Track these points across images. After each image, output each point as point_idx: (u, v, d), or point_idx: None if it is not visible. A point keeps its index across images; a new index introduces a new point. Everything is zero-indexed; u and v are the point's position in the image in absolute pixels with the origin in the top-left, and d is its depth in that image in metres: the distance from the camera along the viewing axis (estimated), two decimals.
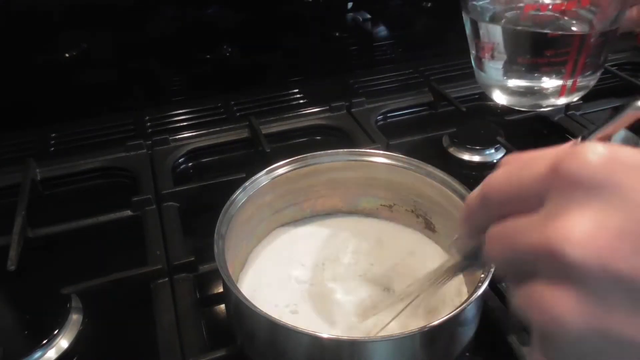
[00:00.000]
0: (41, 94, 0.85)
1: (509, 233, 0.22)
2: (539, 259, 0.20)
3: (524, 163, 0.23)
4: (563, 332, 0.19)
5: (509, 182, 0.23)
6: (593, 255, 0.18)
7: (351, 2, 0.96)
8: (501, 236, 0.23)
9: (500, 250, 0.23)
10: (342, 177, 0.58)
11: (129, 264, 0.57)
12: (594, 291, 0.19)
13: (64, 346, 0.49)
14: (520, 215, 0.22)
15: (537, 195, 0.21)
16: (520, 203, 0.22)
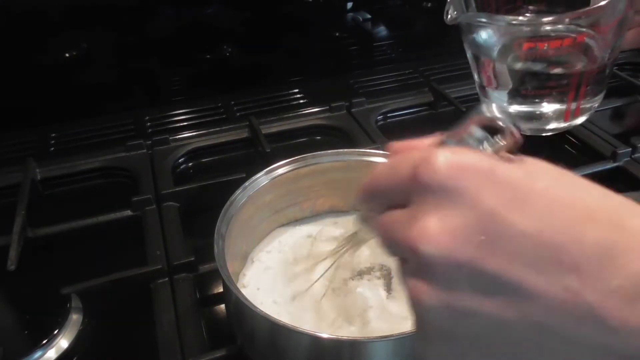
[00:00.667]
0: (41, 94, 0.85)
1: (387, 224, 0.27)
2: (405, 252, 0.25)
3: (396, 163, 0.27)
4: (424, 311, 0.25)
5: (385, 180, 0.28)
6: (438, 250, 0.23)
7: (351, 2, 0.96)
8: (383, 227, 0.28)
9: (383, 239, 0.28)
10: (342, 177, 0.58)
11: (129, 264, 0.57)
12: (442, 277, 0.24)
13: (64, 346, 0.49)
14: (395, 209, 0.27)
15: (404, 193, 0.26)
16: (393, 197, 0.27)
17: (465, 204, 0.23)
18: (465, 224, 0.23)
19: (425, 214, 0.24)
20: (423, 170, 0.25)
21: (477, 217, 0.23)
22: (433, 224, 0.24)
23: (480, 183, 0.24)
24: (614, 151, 0.73)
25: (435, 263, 0.23)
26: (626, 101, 0.89)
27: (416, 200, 0.25)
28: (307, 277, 0.53)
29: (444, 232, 0.23)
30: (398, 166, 0.27)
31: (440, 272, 0.24)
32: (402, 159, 0.27)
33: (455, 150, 0.25)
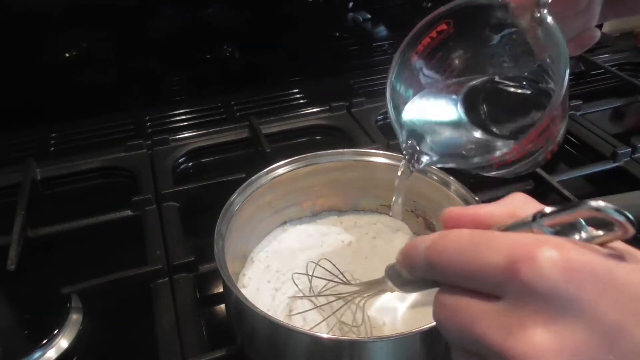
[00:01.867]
0: (41, 94, 0.85)
1: (463, 313, 0.23)
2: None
3: (478, 244, 0.23)
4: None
5: (462, 261, 0.23)
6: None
7: (351, 2, 0.96)
8: (453, 310, 0.23)
9: (451, 325, 0.23)
10: (342, 177, 0.58)
11: (129, 264, 0.57)
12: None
13: (64, 346, 0.49)
14: (475, 295, 0.23)
15: (494, 285, 0.22)
16: (474, 284, 0.23)
17: (584, 316, 0.20)
18: (585, 342, 0.20)
19: (533, 324, 0.20)
20: (527, 267, 0.21)
21: (599, 334, 0.19)
22: (545, 339, 0.20)
23: (599, 291, 0.20)
24: (614, 151, 0.73)
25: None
26: (626, 101, 0.89)
27: (513, 299, 0.21)
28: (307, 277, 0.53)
29: (559, 350, 0.20)
30: (484, 248, 0.22)
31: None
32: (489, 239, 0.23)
33: (562, 245, 0.21)
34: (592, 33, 0.45)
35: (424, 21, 0.43)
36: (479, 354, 0.22)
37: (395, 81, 0.46)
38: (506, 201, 0.26)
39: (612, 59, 1.01)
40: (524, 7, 0.39)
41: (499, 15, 0.41)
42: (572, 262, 0.20)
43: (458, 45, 0.45)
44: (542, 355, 0.20)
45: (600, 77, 0.98)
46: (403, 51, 0.45)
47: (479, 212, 0.26)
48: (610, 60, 1.01)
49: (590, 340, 0.19)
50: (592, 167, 0.71)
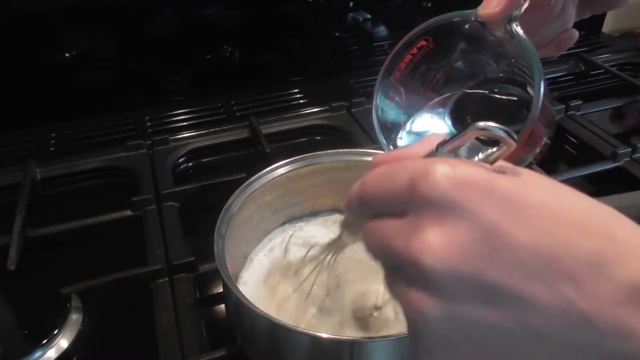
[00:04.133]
0: (42, 93, 0.85)
1: (380, 233, 0.27)
2: (404, 264, 0.25)
3: (390, 172, 0.27)
4: (426, 321, 0.25)
5: (378, 188, 0.28)
6: (442, 264, 0.24)
7: (351, 2, 0.96)
8: (375, 234, 0.28)
9: (374, 246, 0.28)
10: (342, 177, 0.58)
11: (129, 264, 0.57)
12: (445, 289, 0.24)
13: (64, 346, 0.49)
14: (390, 217, 0.27)
15: (401, 203, 0.26)
16: (388, 207, 0.27)
17: (467, 218, 0.24)
18: (468, 238, 0.24)
19: (427, 227, 0.24)
20: (423, 182, 0.25)
21: (479, 231, 0.24)
22: (436, 237, 0.24)
23: (480, 198, 0.24)
24: (614, 151, 0.73)
25: (439, 276, 0.24)
26: (626, 101, 0.90)
27: (414, 211, 0.25)
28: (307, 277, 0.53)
29: (447, 245, 0.24)
30: (394, 175, 0.27)
31: (444, 284, 0.24)
32: (398, 167, 0.27)
33: (453, 163, 0.26)
34: (569, 34, 0.45)
35: (403, 41, 0.44)
36: (397, 267, 0.26)
37: (381, 102, 0.47)
38: (425, 140, 0.30)
39: (612, 59, 1.01)
40: (496, 22, 0.39)
41: (476, 30, 0.41)
42: (459, 175, 0.25)
43: (441, 58, 0.46)
44: (433, 250, 0.24)
45: (600, 77, 0.98)
46: (384, 73, 0.46)
47: (401, 152, 0.30)
48: (610, 60, 1.01)
49: (472, 237, 0.24)
50: (592, 167, 0.71)
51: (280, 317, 0.43)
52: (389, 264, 0.28)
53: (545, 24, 0.43)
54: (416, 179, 0.25)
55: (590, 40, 1.08)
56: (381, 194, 0.28)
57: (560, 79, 0.97)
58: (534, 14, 0.40)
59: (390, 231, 0.27)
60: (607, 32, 1.13)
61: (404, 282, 0.26)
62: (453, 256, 0.24)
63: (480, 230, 0.24)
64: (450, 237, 0.24)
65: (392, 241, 0.26)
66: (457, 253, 0.24)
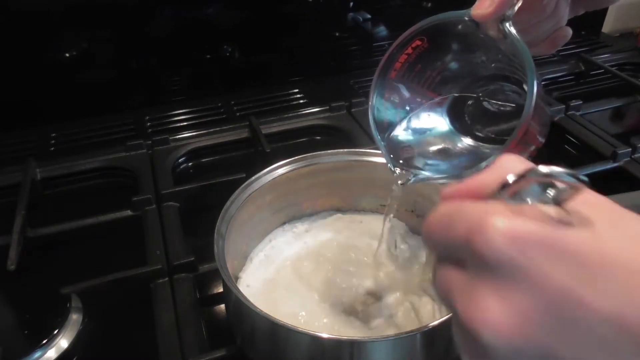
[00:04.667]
0: (42, 93, 0.85)
1: (444, 282, 0.25)
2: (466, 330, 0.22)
3: (450, 218, 0.25)
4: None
5: (440, 233, 0.25)
6: (502, 337, 0.21)
7: (351, 2, 0.96)
8: (440, 280, 0.25)
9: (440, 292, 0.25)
10: (342, 177, 0.58)
11: (129, 264, 0.57)
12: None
13: (64, 346, 0.49)
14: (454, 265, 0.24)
15: (461, 254, 0.24)
16: (450, 252, 0.25)
17: (531, 284, 0.21)
18: (531, 308, 0.20)
19: (485, 292, 0.22)
20: (478, 238, 0.22)
21: (544, 299, 0.20)
22: (494, 307, 0.21)
23: (543, 257, 0.21)
24: (614, 151, 0.73)
25: (498, 353, 0.21)
26: (626, 101, 0.89)
27: (474, 269, 0.23)
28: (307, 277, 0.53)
29: (508, 317, 0.21)
30: (454, 221, 0.24)
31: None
32: (458, 214, 0.24)
33: (511, 214, 0.22)
34: (563, 32, 0.45)
35: (398, 41, 0.44)
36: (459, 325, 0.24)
37: (377, 102, 0.47)
38: (495, 166, 0.26)
39: (612, 59, 1.01)
40: (489, 22, 0.39)
41: (470, 30, 0.41)
42: (517, 230, 0.21)
43: (436, 57, 0.46)
44: (492, 323, 0.21)
45: (600, 77, 0.98)
46: (380, 73, 0.46)
47: (469, 184, 0.26)
48: (610, 60, 1.01)
49: (538, 305, 0.20)
50: (592, 167, 0.71)
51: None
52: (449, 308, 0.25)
53: (539, 22, 0.43)
54: (472, 232, 0.22)
55: (590, 40, 1.08)
56: (442, 240, 0.25)
57: (560, 79, 0.97)
58: (527, 14, 0.40)
59: (453, 285, 0.24)
60: (607, 32, 1.13)
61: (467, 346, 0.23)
62: (514, 331, 0.20)
63: (546, 297, 0.20)
64: (513, 306, 0.21)
65: (455, 297, 0.24)
66: (518, 327, 0.20)
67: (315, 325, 0.48)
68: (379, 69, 0.46)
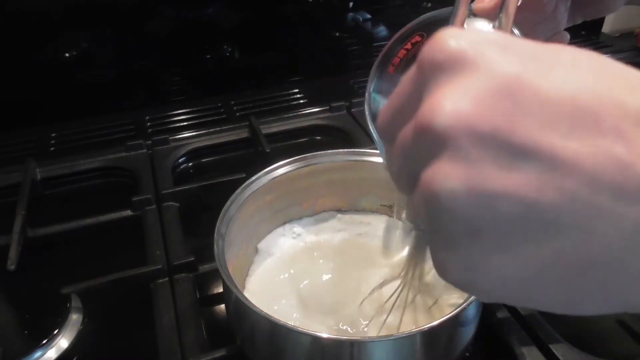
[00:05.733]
0: (41, 93, 0.85)
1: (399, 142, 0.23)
2: (419, 144, 0.21)
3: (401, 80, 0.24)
4: (442, 199, 0.20)
5: (392, 101, 0.24)
6: (456, 121, 0.20)
7: (351, 2, 0.96)
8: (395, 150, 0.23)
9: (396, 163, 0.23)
10: (342, 177, 0.58)
11: (129, 264, 0.57)
12: (461, 153, 0.20)
13: (64, 346, 0.49)
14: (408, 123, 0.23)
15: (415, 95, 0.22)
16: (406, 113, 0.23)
17: (484, 72, 0.20)
18: (486, 90, 0.20)
19: (435, 92, 0.21)
20: (428, 52, 0.21)
21: (500, 82, 0.20)
22: (447, 96, 0.20)
23: (497, 52, 0.20)
24: None
25: (454, 136, 0.20)
26: None
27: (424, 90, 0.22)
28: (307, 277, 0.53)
29: (460, 100, 0.20)
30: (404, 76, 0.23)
31: (461, 146, 0.20)
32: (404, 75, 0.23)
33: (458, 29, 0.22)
34: (561, 37, 0.46)
35: (397, 35, 0.44)
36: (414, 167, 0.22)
37: (374, 94, 0.47)
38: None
39: None
40: (490, 16, 0.39)
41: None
42: (470, 35, 0.21)
43: None
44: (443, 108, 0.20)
45: None
46: (379, 65, 0.46)
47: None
48: None
49: (490, 89, 0.20)
50: None
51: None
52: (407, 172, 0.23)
53: (537, 24, 0.43)
54: (423, 52, 0.22)
55: (591, 40, 1.08)
56: (395, 103, 0.24)
57: None
58: (526, 13, 0.41)
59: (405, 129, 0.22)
60: (607, 32, 1.13)
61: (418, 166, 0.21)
62: (468, 111, 0.20)
63: (499, 81, 0.20)
64: (463, 91, 0.20)
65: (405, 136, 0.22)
66: (473, 108, 0.20)
67: (313, 325, 0.48)
68: (377, 62, 0.46)
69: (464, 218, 0.20)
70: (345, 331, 0.48)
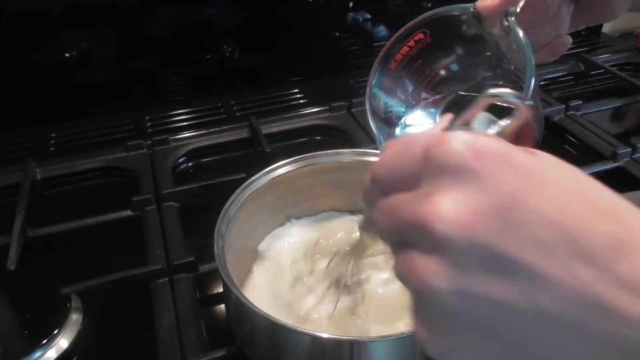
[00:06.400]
0: (41, 93, 0.85)
1: (391, 206, 0.26)
2: (414, 231, 0.24)
3: (403, 147, 0.26)
4: (430, 293, 0.23)
5: (391, 165, 0.27)
6: (456, 229, 0.22)
7: (351, 2, 0.96)
8: (385, 208, 0.26)
9: (384, 220, 0.26)
10: (342, 177, 0.58)
11: (129, 264, 0.57)
12: (457, 258, 0.22)
13: (64, 346, 0.49)
14: (402, 192, 0.25)
15: (415, 177, 0.25)
16: (402, 183, 0.26)
17: (484, 186, 0.23)
18: (484, 206, 0.22)
19: (441, 193, 0.23)
20: (437, 150, 0.24)
21: (496, 200, 0.22)
22: (450, 202, 0.23)
23: (498, 167, 0.23)
24: (614, 151, 0.73)
25: (451, 243, 0.22)
26: (626, 101, 0.89)
27: (426, 180, 0.24)
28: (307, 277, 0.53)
29: (462, 211, 0.22)
30: (408, 149, 0.26)
31: (455, 252, 0.22)
32: (411, 142, 0.26)
33: (470, 133, 0.24)
34: (563, 40, 0.46)
35: (401, 31, 0.45)
36: (404, 239, 0.25)
37: (375, 88, 0.47)
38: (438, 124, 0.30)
39: (612, 59, 1.01)
40: (493, 16, 0.39)
41: (473, 26, 0.42)
42: (477, 142, 0.24)
43: (436, 54, 0.46)
44: (445, 214, 0.22)
45: (600, 77, 0.98)
46: (381, 61, 0.46)
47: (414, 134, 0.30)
48: (610, 60, 1.01)
49: (489, 206, 0.22)
50: (592, 167, 0.71)
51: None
52: (396, 238, 0.26)
53: (540, 25, 0.44)
54: (431, 147, 0.24)
55: (591, 40, 1.08)
56: (394, 169, 0.26)
57: (560, 79, 0.97)
58: (530, 14, 0.41)
59: (401, 202, 0.25)
60: (607, 32, 1.13)
61: (413, 253, 0.24)
62: (467, 222, 0.22)
63: (498, 199, 0.22)
64: (465, 203, 0.23)
65: (400, 210, 0.25)
66: (471, 219, 0.22)
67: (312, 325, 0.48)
68: (379, 57, 0.46)
69: (447, 312, 0.23)
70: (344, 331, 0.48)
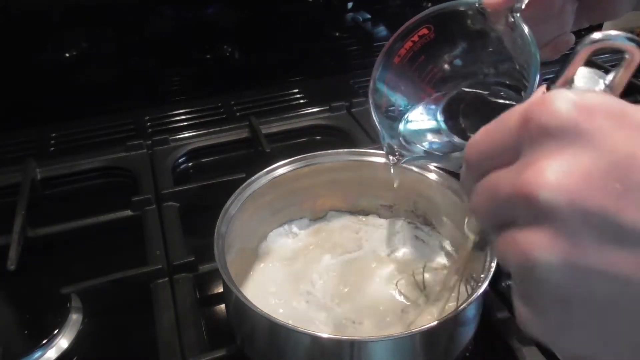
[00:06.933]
0: (41, 93, 0.85)
1: (489, 186, 0.23)
2: (515, 205, 0.21)
3: (496, 121, 0.24)
4: (538, 268, 0.20)
5: (486, 141, 0.24)
6: (563, 196, 0.20)
7: (351, 2, 0.96)
8: (482, 190, 0.24)
9: (483, 203, 0.24)
10: (342, 177, 0.58)
11: (129, 264, 0.57)
12: (565, 228, 0.20)
13: (64, 346, 0.49)
14: (500, 169, 0.23)
15: (513, 148, 0.22)
16: (499, 158, 0.23)
17: (597, 146, 0.20)
18: (597, 168, 0.20)
19: (542, 159, 0.20)
20: (538, 113, 0.21)
21: (610, 160, 0.19)
22: (556, 166, 0.20)
23: (611, 124, 0.20)
24: None
25: (558, 208, 0.20)
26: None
27: (528, 149, 0.21)
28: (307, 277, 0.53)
29: (568, 174, 0.20)
30: (500, 122, 0.23)
31: (564, 221, 0.20)
32: (505, 115, 0.23)
33: (575, 91, 0.21)
34: (566, 38, 0.46)
35: (405, 25, 0.45)
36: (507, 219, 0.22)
37: (378, 82, 0.47)
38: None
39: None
40: (499, 12, 0.40)
41: (478, 22, 0.42)
42: (585, 100, 0.21)
43: (440, 50, 0.46)
44: (549, 180, 0.20)
45: None
46: (385, 54, 0.46)
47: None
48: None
49: (601, 167, 0.19)
50: None
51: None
52: (498, 218, 0.23)
53: (544, 22, 0.44)
54: (531, 111, 0.21)
55: None
56: (487, 145, 0.24)
57: None
58: (535, 10, 0.41)
59: (498, 178, 0.22)
60: None
61: (516, 229, 0.21)
62: (576, 186, 0.19)
63: (612, 159, 0.19)
64: (573, 165, 0.20)
65: (499, 187, 0.22)
66: (581, 183, 0.19)
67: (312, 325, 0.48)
68: (383, 51, 0.46)
69: (558, 290, 0.21)
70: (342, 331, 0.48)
